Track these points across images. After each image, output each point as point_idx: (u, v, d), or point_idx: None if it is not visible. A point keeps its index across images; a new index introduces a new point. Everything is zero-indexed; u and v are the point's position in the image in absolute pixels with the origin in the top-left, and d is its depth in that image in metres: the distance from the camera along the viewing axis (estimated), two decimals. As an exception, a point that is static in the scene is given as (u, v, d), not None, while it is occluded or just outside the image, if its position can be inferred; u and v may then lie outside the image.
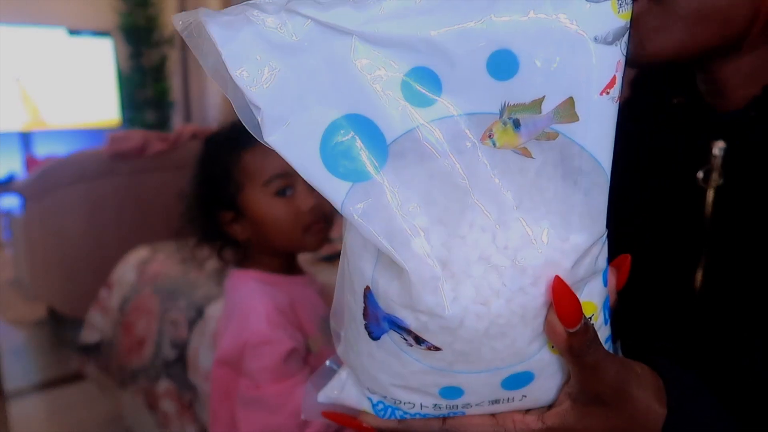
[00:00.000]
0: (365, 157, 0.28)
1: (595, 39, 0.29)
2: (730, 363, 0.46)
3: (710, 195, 0.50)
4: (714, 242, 0.49)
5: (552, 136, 0.29)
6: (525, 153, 0.29)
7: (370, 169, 0.28)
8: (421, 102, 0.28)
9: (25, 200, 2.64)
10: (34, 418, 2.05)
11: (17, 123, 4.02)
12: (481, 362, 0.31)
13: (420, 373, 0.32)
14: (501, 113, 0.29)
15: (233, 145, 0.84)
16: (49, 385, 2.24)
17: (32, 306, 2.91)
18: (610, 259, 0.37)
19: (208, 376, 1.42)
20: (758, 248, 0.46)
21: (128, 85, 4.43)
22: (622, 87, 0.31)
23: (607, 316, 0.35)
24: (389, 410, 0.36)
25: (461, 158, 0.29)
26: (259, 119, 0.28)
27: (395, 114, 0.28)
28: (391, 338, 0.32)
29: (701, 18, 0.43)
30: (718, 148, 0.50)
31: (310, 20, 0.27)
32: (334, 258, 1.83)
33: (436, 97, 0.28)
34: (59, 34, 4.08)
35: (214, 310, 1.48)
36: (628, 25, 0.30)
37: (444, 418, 0.36)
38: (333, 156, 0.28)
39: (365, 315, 0.32)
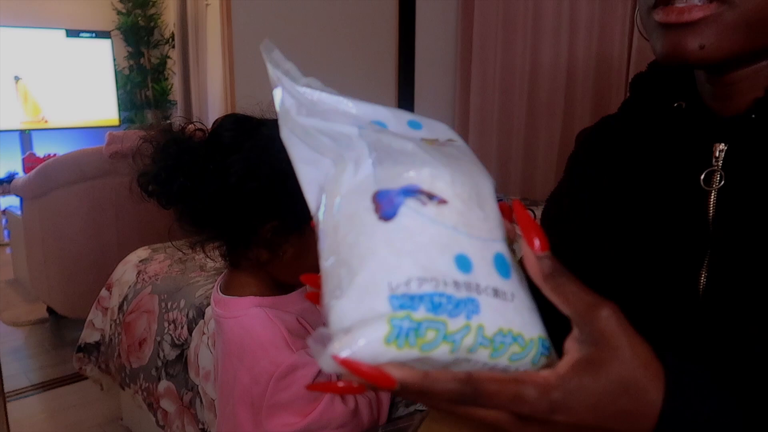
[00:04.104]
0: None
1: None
2: (733, 363, 0.46)
3: (712, 197, 0.50)
4: (717, 244, 0.49)
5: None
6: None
7: None
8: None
9: (24, 200, 2.64)
10: (33, 418, 2.05)
11: (17, 122, 4.02)
12: (473, 228, 0.37)
13: (437, 236, 0.36)
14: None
15: None
16: (48, 385, 2.24)
17: (32, 306, 2.91)
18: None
19: (208, 376, 1.42)
20: (761, 249, 0.46)
21: (128, 85, 4.43)
22: None
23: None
24: (411, 301, 0.35)
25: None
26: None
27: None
28: (407, 206, 0.36)
29: (764, 26, 0.44)
30: (720, 150, 0.50)
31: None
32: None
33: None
34: (59, 35, 4.08)
35: (214, 311, 1.47)
36: None
37: (469, 374, 0.35)
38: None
39: (377, 209, 0.36)
